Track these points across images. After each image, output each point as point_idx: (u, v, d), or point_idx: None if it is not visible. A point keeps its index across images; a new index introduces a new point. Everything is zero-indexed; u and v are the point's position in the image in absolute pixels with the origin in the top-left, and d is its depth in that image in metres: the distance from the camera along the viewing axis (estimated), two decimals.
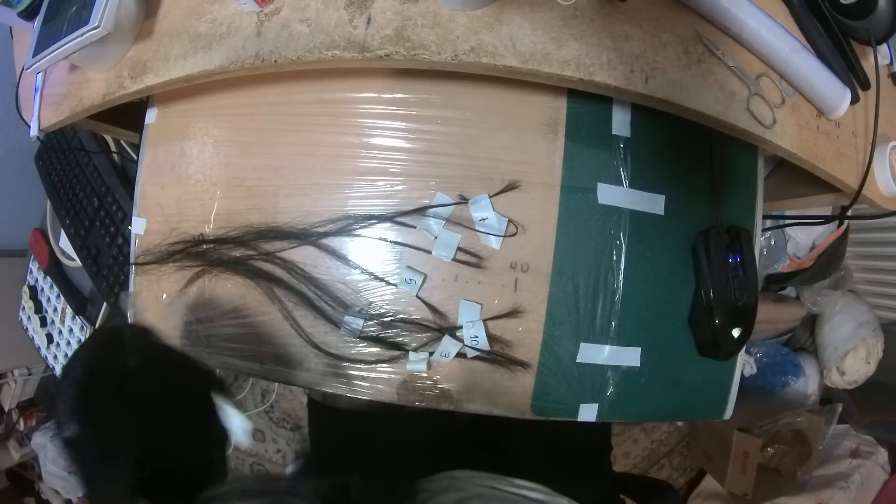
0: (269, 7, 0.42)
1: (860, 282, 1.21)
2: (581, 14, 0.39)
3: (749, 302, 0.47)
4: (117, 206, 0.74)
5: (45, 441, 1.25)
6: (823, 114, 0.45)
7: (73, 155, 0.81)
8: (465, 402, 0.48)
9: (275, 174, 0.50)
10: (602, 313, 0.47)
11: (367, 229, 0.48)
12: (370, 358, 0.48)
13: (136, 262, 0.55)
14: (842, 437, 1.16)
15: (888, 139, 0.47)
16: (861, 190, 0.46)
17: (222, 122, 0.53)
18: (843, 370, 1.13)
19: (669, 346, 0.49)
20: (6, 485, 1.42)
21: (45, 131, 0.55)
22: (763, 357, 1.16)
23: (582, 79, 0.38)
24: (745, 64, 0.42)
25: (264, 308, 0.50)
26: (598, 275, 0.47)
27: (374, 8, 0.39)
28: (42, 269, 0.91)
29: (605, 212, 0.47)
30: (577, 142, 0.47)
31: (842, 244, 1.06)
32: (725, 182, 0.49)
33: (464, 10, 0.38)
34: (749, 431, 1.07)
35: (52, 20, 0.48)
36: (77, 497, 1.30)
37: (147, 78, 0.46)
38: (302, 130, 0.50)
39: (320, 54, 0.39)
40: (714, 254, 0.46)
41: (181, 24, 0.45)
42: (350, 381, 0.48)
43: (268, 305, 0.50)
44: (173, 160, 0.54)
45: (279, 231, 0.49)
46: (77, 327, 0.85)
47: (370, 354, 0.48)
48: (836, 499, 1.06)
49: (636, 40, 0.39)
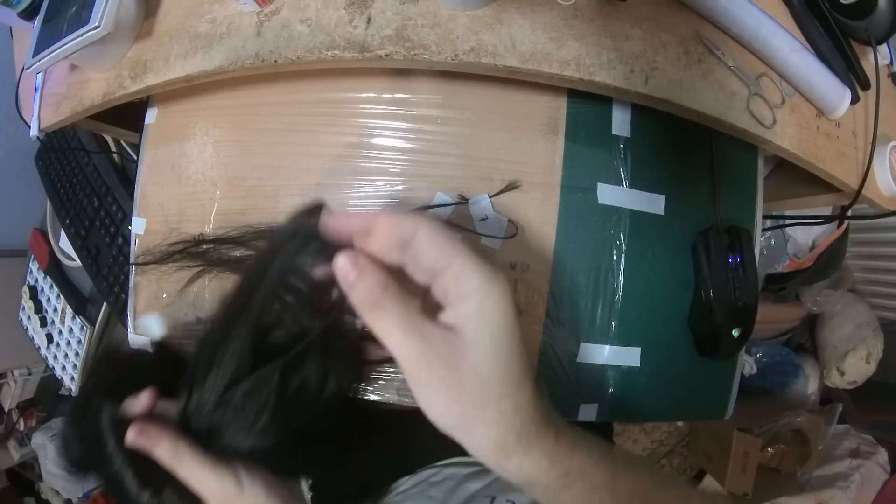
0: (269, 7, 0.42)
1: (860, 282, 1.21)
2: (581, 14, 0.39)
3: (749, 302, 0.47)
4: (117, 206, 0.74)
5: (45, 441, 1.25)
6: (823, 114, 0.45)
7: (73, 155, 0.81)
8: None
9: (275, 174, 0.50)
10: (602, 313, 0.47)
11: None
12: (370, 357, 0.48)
13: (136, 262, 0.54)
14: (842, 437, 1.16)
15: (888, 139, 0.47)
16: (861, 190, 0.46)
17: (222, 122, 0.53)
18: (843, 370, 1.13)
19: (669, 346, 0.49)
20: (6, 485, 1.41)
21: (45, 131, 0.55)
22: (763, 357, 1.17)
23: (582, 79, 0.38)
24: (745, 64, 0.42)
25: None
26: (598, 275, 0.47)
27: (374, 8, 0.39)
28: (42, 269, 0.91)
29: (605, 212, 0.47)
30: (577, 142, 0.47)
31: (842, 244, 1.06)
32: (725, 182, 0.49)
33: (464, 10, 0.38)
34: (749, 431, 1.07)
35: (52, 20, 0.48)
36: (77, 497, 1.30)
37: (147, 78, 0.46)
38: (302, 130, 0.50)
39: (320, 54, 0.39)
40: (714, 254, 0.46)
41: (181, 24, 0.45)
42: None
43: None
44: (173, 160, 0.54)
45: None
46: (77, 327, 0.85)
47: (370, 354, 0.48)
48: (836, 499, 1.06)
49: (636, 40, 0.39)
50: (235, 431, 0.34)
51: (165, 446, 0.33)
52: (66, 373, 0.89)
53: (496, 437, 0.26)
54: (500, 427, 0.26)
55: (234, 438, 0.34)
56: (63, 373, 0.90)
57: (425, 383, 0.26)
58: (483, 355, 0.25)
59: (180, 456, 0.33)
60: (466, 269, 0.26)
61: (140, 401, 0.36)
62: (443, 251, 0.26)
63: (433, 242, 0.26)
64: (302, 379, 0.35)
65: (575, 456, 0.28)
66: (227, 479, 0.34)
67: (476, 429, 0.26)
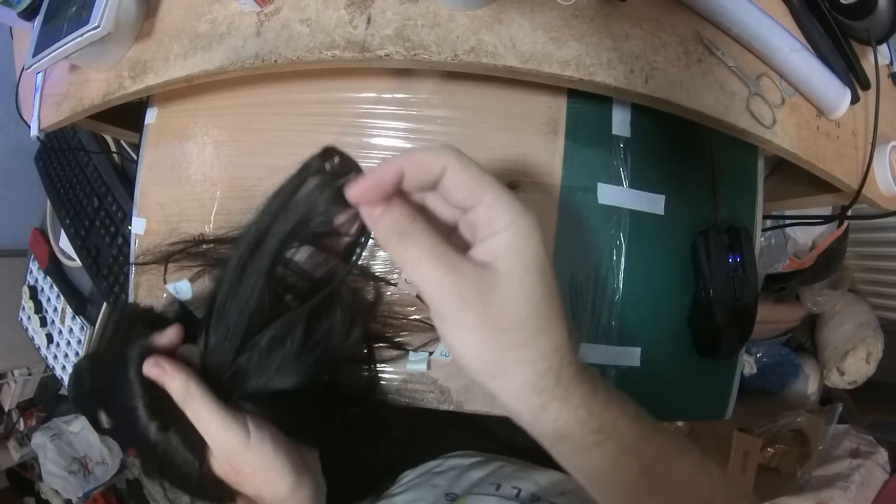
0: (269, 7, 0.42)
1: (860, 282, 1.21)
2: (581, 14, 0.39)
3: (749, 302, 0.47)
4: (117, 206, 0.74)
5: (45, 441, 1.25)
6: (823, 114, 0.45)
7: (73, 155, 0.81)
8: (465, 403, 0.48)
9: (275, 174, 0.50)
10: (602, 313, 0.47)
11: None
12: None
13: (136, 262, 0.54)
14: (842, 437, 1.16)
15: (888, 139, 0.47)
16: (861, 190, 0.46)
17: (222, 122, 0.53)
18: (843, 370, 1.13)
19: (669, 346, 0.49)
20: (6, 485, 1.42)
21: (45, 131, 0.55)
22: (763, 357, 1.16)
23: (582, 79, 0.38)
24: (745, 64, 0.42)
25: None
26: (598, 275, 0.47)
27: (374, 8, 0.39)
28: (42, 269, 0.91)
29: (605, 212, 0.47)
30: (577, 142, 0.47)
31: (842, 244, 1.06)
32: (725, 182, 0.49)
33: (464, 10, 0.38)
34: (749, 431, 1.07)
35: (52, 20, 0.48)
36: (77, 497, 1.30)
37: (147, 78, 0.46)
38: (302, 130, 0.50)
39: (320, 54, 0.39)
40: (714, 254, 0.46)
41: (181, 24, 0.45)
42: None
43: None
44: (173, 160, 0.54)
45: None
46: (77, 327, 0.85)
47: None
48: (836, 499, 1.06)
49: (636, 40, 0.39)
50: (257, 375, 0.35)
51: (178, 382, 0.33)
52: (66, 373, 0.89)
53: (534, 379, 0.25)
54: (538, 367, 0.25)
55: (255, 382, 0.35)
56: (63, 373, 0.90)
57: (457, 321, 0.24)
58: (519, 289, 0.24)
59: (192, 395, 0.33)
60: (499, 203, 0.24)
61: (166, 334, 0.36)
62: (473, 186, 0.25)
63: (462, 178, 0.25)
64: (329, 326, 0.36)
65: (610, 410, 0.26)
66: (233, 428, 0.33)
67: (511, 371, 0.25)
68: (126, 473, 1.48)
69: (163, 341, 0.36)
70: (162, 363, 0.34)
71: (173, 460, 0.35)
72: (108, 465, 1.38)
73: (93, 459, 1.35)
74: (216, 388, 0.34)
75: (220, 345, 0.35)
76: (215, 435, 0.33)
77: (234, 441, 0.33)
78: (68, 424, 1.35)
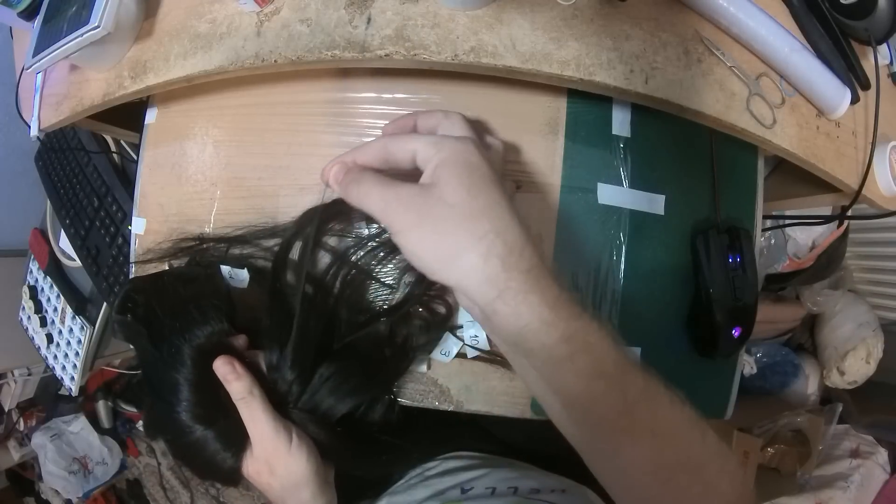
0: (269, 7, 0.42)
1: (860, 282, 1.21)
2: (581, 14, 0.39)
3: (749, 302, 0.47)
4: (117, 206, 0.74)
5: (45, 441, 1.25)
6: (823, 114, 0.45)
7: (73, 155, 0.81)
8: (465, 403, 0.48)
9: (275, 174, 0.50)
10: (602, 313, 0.47)
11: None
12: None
13: (136, 262, 0.55)
14: (842, 437, 1.16)
15: (888, 139, 0.47)
16: (861, 190, 0.46)
17: (222, 122, 0.53)
18: (843, 370, 1.13)
19: (669, 346, 0.49)
20: (6, 485, 1.42)
21: (45, 131, 0.55)
22: (763, 357, 1.16)
23: (582, 79, 0.38)
24: (745, 64, 0.42)
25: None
26: (598, 275, 0.47)
27: (374, 8, 0.39)
28: (42, 269, 0.91)
29: (605, 212, 0.47)
30: (577, 142, 0.47)
31: (842, 244, 1.06)
32: (725, 182, 0.49)
33: (464, 10, 0.38)
34: (749, 431, 1.07)
35: (52, 20, 0.48)
36: (77, 497, 1.30)
37: (147, 78, 0.46)
38: (302, 130, 0.50)
39: (320, 54, 0.39)
40: (714, 254, 0.46)
41: (181, 24, 0.45)
42: None
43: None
44: (173, 160, 0.54)
45: (279, 230, 0.49)
46: (77, 327, 0.85)
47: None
48: (836, 499, 1.06)
49: (636, 40, 0.39)
50: (326, 396, 0.39)
51: (244, 384, 0.37)
52: (66, 373, 0.89)
53: (479, 262, 0.27)
54: (480, 250, 0.27)
55: (318, 400, 0.39)
56: (63, 373, 0.90)
57: (404, 225, 0.29)
58: (447, 186, 0.29)
59: (253, 396, 0.37)
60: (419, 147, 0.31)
61: (240, 339, 0.41)
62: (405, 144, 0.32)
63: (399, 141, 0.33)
64: (406, 334, 0.43)
65: (580, 321, 0.28)
66: (282, 434, 0.37)
67: (457, 259, 0.27)
68: (126, 473, 1.48)
69: (238, 343, 0.41)
70: (235, 364, 0.37)
71: (205, 448, 0.38)
72: (108, 465, 1.38)
73: (93, 459, 1.35)
74: (270, 396, 0.38)
75: (286, 362, 0.39)
76: (265, 436, 0.37)
77: (280, 445, 0.37)
78: (68, 424, 1.35)
